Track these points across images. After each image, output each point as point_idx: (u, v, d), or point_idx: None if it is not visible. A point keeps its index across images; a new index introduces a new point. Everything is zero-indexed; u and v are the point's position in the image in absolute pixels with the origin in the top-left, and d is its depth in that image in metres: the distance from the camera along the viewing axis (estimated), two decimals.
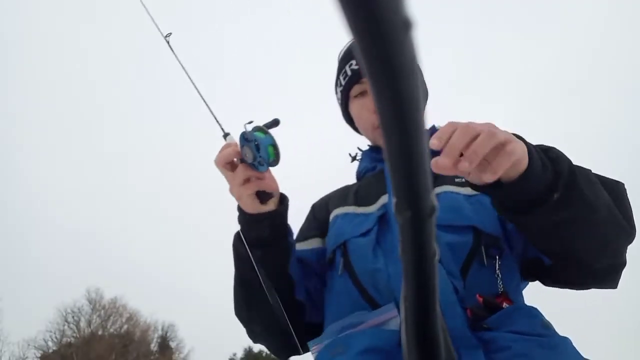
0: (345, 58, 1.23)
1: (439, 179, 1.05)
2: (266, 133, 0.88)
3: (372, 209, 1.07)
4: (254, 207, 0.94)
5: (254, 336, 1.10)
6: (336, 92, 1.30)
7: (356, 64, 1.20)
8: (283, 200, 1.01)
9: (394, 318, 0.86)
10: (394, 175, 0.29)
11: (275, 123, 0.91)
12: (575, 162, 0.82)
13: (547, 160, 0.78)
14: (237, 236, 1.00)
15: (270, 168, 0.92)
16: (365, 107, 1.19)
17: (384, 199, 1.07)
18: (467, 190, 1.00)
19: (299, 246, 1.13)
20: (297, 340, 0.98)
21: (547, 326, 0.85)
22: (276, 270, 0.99)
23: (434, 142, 0.65)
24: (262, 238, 0.97)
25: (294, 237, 1.08)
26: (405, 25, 0.22)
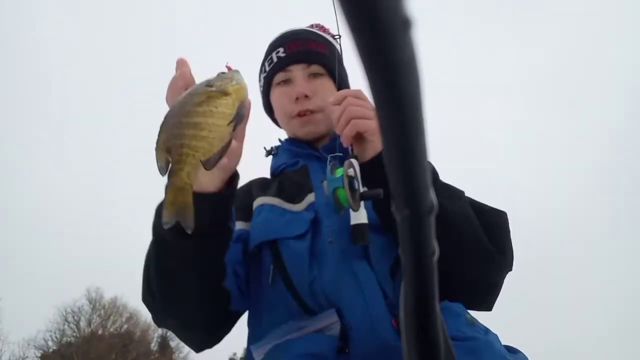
0: (274, 45, 1.16)
1: None
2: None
3: (300, 207, 0.99)
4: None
5: (163, 325, 0.95)
6: (259, 80, 1.21)
7: (283, 52, 1.13)
8: (233, 177, 0.79)
9: (334, 323, 0.84)
10: (392, 173, 0.29)
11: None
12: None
13: None
14: (159, 215, 0.76)
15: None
16: (285, 94, 1.11)
17: (310, 198, 0.99)
18: None
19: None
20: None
21: (472, 323, 0.85)
22: (208, 264, 0.82)
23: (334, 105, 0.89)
24: (197, 227, 0.66)
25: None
26: (404, 24, 0.22)
